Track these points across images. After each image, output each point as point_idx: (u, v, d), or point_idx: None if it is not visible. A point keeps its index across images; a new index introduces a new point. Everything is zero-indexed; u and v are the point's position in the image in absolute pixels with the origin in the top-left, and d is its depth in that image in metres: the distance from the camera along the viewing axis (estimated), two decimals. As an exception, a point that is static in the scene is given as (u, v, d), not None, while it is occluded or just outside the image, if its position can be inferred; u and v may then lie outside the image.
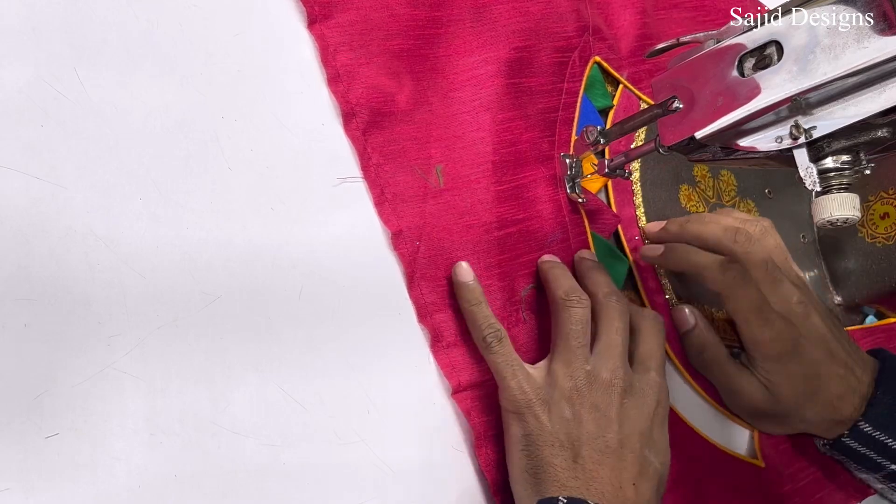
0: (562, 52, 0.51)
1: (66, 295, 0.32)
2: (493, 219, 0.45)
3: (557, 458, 0.38)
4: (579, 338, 0.41)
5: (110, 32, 0.35)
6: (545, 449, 0.38)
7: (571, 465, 0.38)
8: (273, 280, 0.37)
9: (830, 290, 0.62)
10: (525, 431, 0.39)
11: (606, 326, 0.42)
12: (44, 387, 0.30)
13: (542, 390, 0.40)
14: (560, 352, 0.41)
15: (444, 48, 0.46)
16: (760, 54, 0.37)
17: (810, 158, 0.36)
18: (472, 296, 0.41)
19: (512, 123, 0.47)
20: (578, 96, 0.51)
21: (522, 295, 0.45)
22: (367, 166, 0.41)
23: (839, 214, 0.36)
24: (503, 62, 0.47)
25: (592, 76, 0.53)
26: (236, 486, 0.34)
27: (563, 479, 0.38)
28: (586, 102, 0.52)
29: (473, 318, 0.41)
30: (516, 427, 0.39)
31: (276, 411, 0.36)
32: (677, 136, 0.39)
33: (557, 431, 0.38)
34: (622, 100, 0.54)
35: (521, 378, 0.40)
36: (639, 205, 0.53)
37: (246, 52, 0.39)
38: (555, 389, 0.40)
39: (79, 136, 0.33)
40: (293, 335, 0.37)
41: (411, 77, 0.44)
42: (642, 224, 0.52)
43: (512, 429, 0.40)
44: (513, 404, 0.39)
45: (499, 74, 0.47)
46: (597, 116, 0.52)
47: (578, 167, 0.48)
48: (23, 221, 0.31)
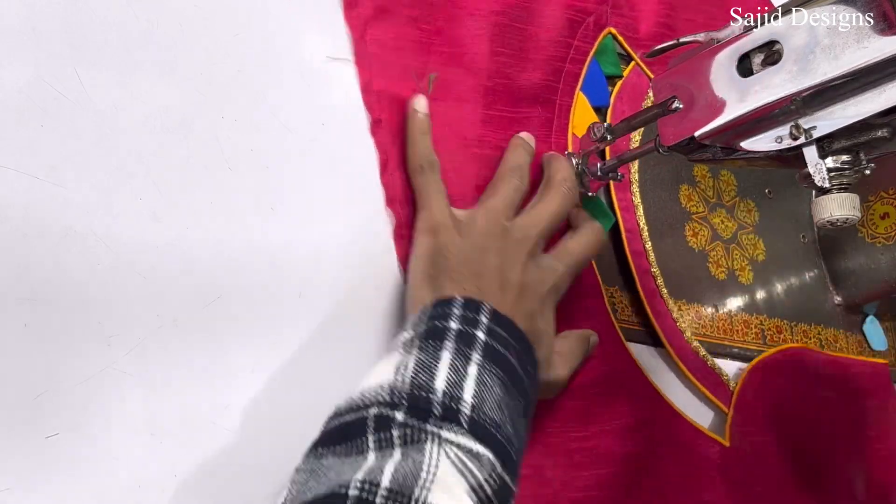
0: (575, 11, 0.52)
1: (66, 295, 0.32)
2: (474, 136, 0.46)
3: (462, 268, 0.38)
4: (506, 199, 0.42)
5: (110, 32, 0.35)
6: (452, 259, 0.38)
7: (474, 276, 0.38)
8: (273, 280, 0.37)
9: (830, 290, 0.62)
10: (437, 245, 0.39)
11: (542, 205, 0.43)
12: (44, 387, 0.30)
13: (459, 221, 0.40)
14: (485, 203, 0.42)
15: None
16: (760, 54, 0.37)
17: (814, 158, 0.36)
18: (421, 126, 0.42)
19: (511, 59, 0.48)
20: (588, 56, 0.52)
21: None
22: (361, 53, 0.42)
23: (839, 214, 0.36)
24: (511, 5, 0.48)
25: (605, 44, 0.54)
26: (236, 486, 0.34)
27: (463, 282, 0.38)
28: (595, 65, 0.53)
29: (415, 142, 0.42)
30: (427, 242, 0.40)
31: (276, 411, 0.36)
32: (677, 136, 0.39)
33: (466, 252, 0.39)
34: (632, 75, 0.54)
35: (445, 204, 0.41)
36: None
37: (246, 52, 0.39)
38: (471, 225, 0.40)
39: (79, 136, 0.33)
40: (293, 335, 0.37)
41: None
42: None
43: (422, 245, 0.40)
44: (429, 223, 0.40)
45: (502, 13, 0.48)
46: (603, 81, 0.53)
47: (584, 164, 0.48)
48: (23, 221, 0.31)
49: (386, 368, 0.32)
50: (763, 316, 0.57)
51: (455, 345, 0.33)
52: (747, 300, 0.57)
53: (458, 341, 0.33)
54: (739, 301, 0.57)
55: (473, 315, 0.35)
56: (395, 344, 0.34)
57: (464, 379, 0.31)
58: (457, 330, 0.34)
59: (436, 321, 0.34)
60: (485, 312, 0.35)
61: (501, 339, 0.35)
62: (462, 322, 0.34)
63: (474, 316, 0.35)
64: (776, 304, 0.59)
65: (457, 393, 0.31)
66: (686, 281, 0.54)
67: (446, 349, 0.32)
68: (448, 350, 0.32)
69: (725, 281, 0.56)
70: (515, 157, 0.44)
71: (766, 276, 0.59)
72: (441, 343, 0.33)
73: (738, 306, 0.56)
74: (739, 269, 0.57)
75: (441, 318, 0.34)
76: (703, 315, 0.54)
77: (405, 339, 0.34)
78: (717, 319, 0.54)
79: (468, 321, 0.34)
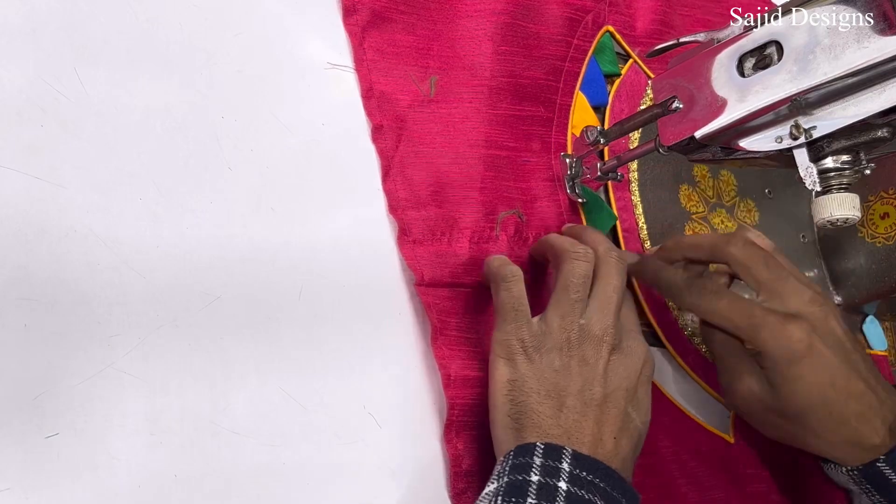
0: (574, 9, 0.52)
1: (66, 295, 0.32)
2: (482, 137, 0.45)
3: (542, 405, 0.38)
4: (579, 291, 0.40)
5: (110, 32, 0.35)
6: (531, 396, 0.38)
7: (555, 413, 0.38)
8: (273, 280, 0.37)
9: (830, 290, 0.62)
10: (512, 377, 0.39)
11: (604, 283, 0.41)
12: (44, 387, 0.30)
13: (535, 338, 0.39)
14: (558, 303, 0.40)
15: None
16: (760, 54, 0.37)
17: (810, 158, 0.36)
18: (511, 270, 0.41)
19: (514, 57, 0.48)
20: (587, 55, 0.52)
21: (501, 217, 0.45)
22: (361, 60, 0.42)
23: (839, 214, 0.36)
24: (511, 3, 0.48)
25: (603, 42, 0.54)
26: (236, 486, 0.34)
27: (545, 427, 0.37)
28: (594, 63, 0.53)
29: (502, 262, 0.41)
30: (504, 370, 0.39)
31: (276, 411, 0.36)
32: (677, 136, 0.39)
33: (545, 380, 0.38)
34: (630, 73, 0.55)
35: (521, 323, 0.40)
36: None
37: (246, 52, 0.39)
38: (547, 338, 0.39)
39: (79, 136, 0.33)
40: (293, 335, 0.37)
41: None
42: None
43: (498, 372, 0.39)
44: (505, 348, 0.39)
45: (504, 13, 0.48)
46: (602, 79, 0.53)
47: (578, 167, 0.48)
48: (23, 221, 0.31)
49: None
50: (763, 316, 0.57)
51: (537, 500, 0.33)
52: (747, 300, 0.57)
53: (538, 496, 0.33)
54: (739, 301, 0.57)
55: (555, 463, 0.35)
56: (482, 499, 0.34)
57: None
58: (538, 482, 0.34)
59: (517, 474, 0.34)
60: (566, 459, 0.35)
61: (586, 484, 0.34)
62: (543, 473, 0.34)
63: (555, 464, 0.35)
64: (776, 304, 0.58)
65: None
66: (686, 281, 0.53)
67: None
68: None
69: (725, 281, 0.56)
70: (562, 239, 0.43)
71: (766, 276, 0.59)
72: (524, 500, 0.33)
73: (738, 306, 0.56)
74: (739, 269, 0.57)
75: (522, 470, 0.34)
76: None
77: (490, 492, 0.34)
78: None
79: (549, 471, 0.34)
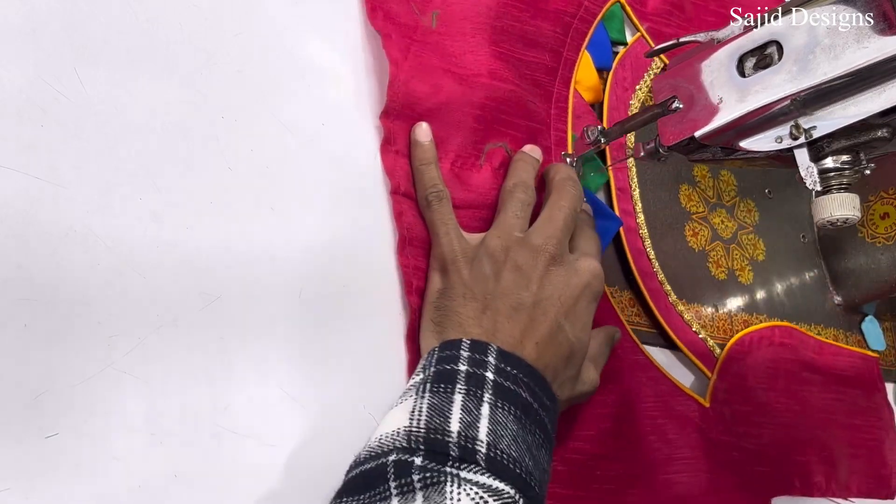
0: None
1: (66, 295, 0.32)
2: (483, 70, 0.45)
3: (466, 307, 0.38)
4: (517, 213, 0.41)
5: (110, 32, 0.35)
6: (456, 300, 0.38)
7: (478, 315, 0.38)
8: (273, 280, 0.37)
9: (830, 289, 0.62)
10: (443, 286, 0.39)
11: (552, 203, 0.42)
12: (44, 387, 0.30)
13: (469, 249, 0.40)
14: (496, 223, 0.41)
15: None
16: (760, 54, 0.37)
17: (810, 158, 0.36)
18: (425, 155, 0.41)
19: (520, 3, 0.48)
20: (596, 18, 0.52)
21: (488, 147, 0.45)
22: None
23: (839, 214, 0.36)
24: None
25: (613, 10, 0.54)
26: (236, 486, 0.34)
27: (466, 327, 0.37)
28: (602, 27, 0.53)
29: (420, 176, 0.41)
30: (436, 280, 0.40)
31: (276, 411, 0.36)
32: (677, 136, 0.39)
33: (473, 284, 0.39)
34: (636, 45, 0.55)
35: (454, 236, 0.40)
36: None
37: (246, 52, 0.39)
38: (482, 249, 0.40)
39: (78, 135, 0.33)
40: (293, 335, 0.37)
41: None
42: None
43: (431, 283, 0.40)
44: (439, 260, 0.40)
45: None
46: (608, 44, 0.54)
47: (578, 167, 0.48)
48: (23, 221, 0.31)
49: (401, 414, 0.33)
50: (763, 316, 0.57)
51: (466, 386, 0.33)
52: (747, 300, 0.57)
53: (468, 383, 0.33)
54: (739, 301, 0.57)
55: (481, 356, 0.35)
56: (408, 389, 0.35)
57: (477, 419, 0.32)
58: (466, 371, 0.34)
59: (445, 364, 0.35)
60: (492, 353, 0.35)
61: (511, 377, 0.35)
62: (470, 364, 0.34)
63: (481, 357, 0.35)
64: (776, 303, 0.59)
65: (472, 433, 0.31)
66: (686, 281, 0.54)
67: (458, 391, 0.33)
68: (459, 392, 0.33)
69: (725, 281, 0.56)
70: (518, 172, 0.44)
71: (766, 276, 0.59)
72: (452, 386, 0.33)
73: (738, 306, 0.56)
74: (739, 269, 0.57)
75: (449, 361, 0.35)
76: (703, 315, 0.54)
77: (416, 383, 0.34)
78: (717, 319, 0.54)
79: (476, 363, 0.35)
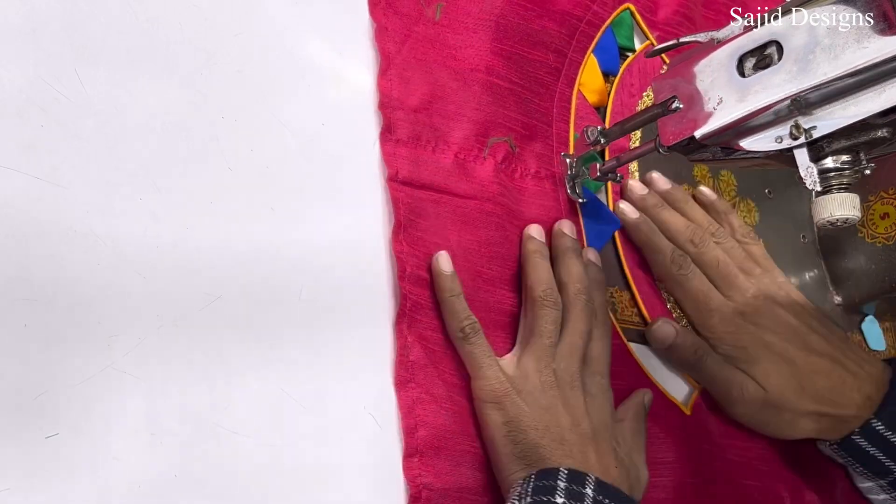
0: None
1: (66, 295, 0.32)
2: (483, 65, 0.45)
3: (544, 439, 0.39)
4: (551, 337, 0.42)
5: (110, 32, 0.35)
6: (530, 433, 0.39)
7: (559, 447, 0.39)
8: (273, 280, 0.37)
9: (830, 290, 0.62)
10: (506, 418, 0.39)
11: (572, 328, 0.43)
12: (44, 387, 0.30)
13: (517, 380, 0.40)
14: (532, 348, 0.41)
15: None
16: (760, 54, 0.37)
17: (810, 158, 0.36)
18: (451, 286, 0.41)
19: (527, 2, 0.48)
20: (604, 23, 0.52)
21: (491, 141, 0.45)
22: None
23: (839, 214, 0.36)
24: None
25: (623, 17, 0.54)
26: (236, 486, 0.34)
27: (557, 458, 0.38)
28: (610, 33, 0.53)
29: (452, 308, 0.41)
30: (496, 415, 0.40)
31: (276, 411, 0.36)
32: (677, 136, 0.39)
33: (538, 417, 0.39)
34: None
35: (498, 368, 0.40)
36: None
37: (246, 52, 0.39)
38: (528, 381, 0.40)
39: (79, 135, 0.33)
40: (293, 335, 0.37)
41: None
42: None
43: (491, 418, 0.40)
44: (491, 394, 0.40)
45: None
46: (616, 49, 0.54)
47: (578, 167, 0.48)
48: (23, 221, 0.31)
49: None
50: (763, 316, 0.57)
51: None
52: (747, 300, 0.57)
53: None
54: (739, 301, 0.56)
55: (579, 488, 0.36)
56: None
57: None
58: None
59: (541, 495, 0.35)
60: (590, 485, 0.36)
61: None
62: (567, 496, 0.35)
63: (579, 489, 0.36)
64: (776, 304, 0.58)
65: None
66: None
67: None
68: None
69: (725, 281, 0.56)
70: (538, 276, 0.43)
71: (766, 276, 0.59)
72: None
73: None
74: (739, 269, 0.57)
75: (546, 492, 0.35)
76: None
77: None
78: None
79: (573, 495, 0.35)
